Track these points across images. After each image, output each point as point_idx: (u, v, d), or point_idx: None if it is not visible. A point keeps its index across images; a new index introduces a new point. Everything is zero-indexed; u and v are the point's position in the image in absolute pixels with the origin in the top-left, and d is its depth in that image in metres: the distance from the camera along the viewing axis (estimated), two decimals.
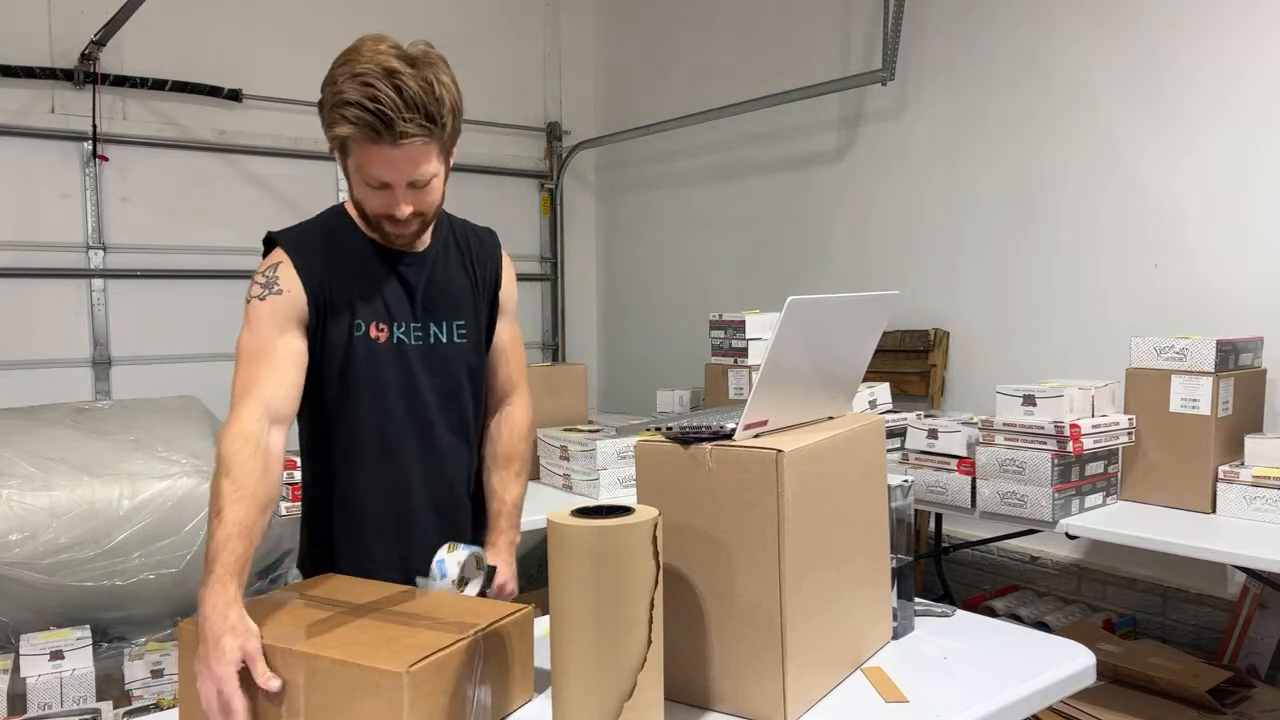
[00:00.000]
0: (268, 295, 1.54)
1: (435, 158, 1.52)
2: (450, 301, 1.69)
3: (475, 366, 1.74)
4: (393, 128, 1.43)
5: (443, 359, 1.68)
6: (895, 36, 3.43)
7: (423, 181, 1.52)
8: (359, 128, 1.44)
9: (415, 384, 1.66)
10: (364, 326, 1.61)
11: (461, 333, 1.70)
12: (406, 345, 1.65)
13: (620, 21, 4.93)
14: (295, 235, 1.63)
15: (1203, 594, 2.85)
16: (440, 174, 1.55)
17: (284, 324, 1.54)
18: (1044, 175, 3.19)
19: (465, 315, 1.71)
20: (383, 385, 1.64)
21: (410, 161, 1.48)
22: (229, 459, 1.40)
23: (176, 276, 3.93)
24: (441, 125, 1.48)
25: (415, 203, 1.54)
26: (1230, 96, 2.75)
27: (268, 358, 1.51)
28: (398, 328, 1.64)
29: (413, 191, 1.53)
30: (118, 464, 2.96)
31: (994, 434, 2.52)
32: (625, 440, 2.98)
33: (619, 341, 5.03)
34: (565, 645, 1.14)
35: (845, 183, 3.83)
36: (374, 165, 1.48)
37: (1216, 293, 2.79)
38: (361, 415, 1.64)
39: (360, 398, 1.64)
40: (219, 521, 1.34)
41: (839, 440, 1.38)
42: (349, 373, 1.62)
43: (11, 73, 3.52)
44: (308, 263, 1.58)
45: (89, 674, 2.57)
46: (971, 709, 1.31)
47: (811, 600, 1.30)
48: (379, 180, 1.50)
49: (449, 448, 1.71)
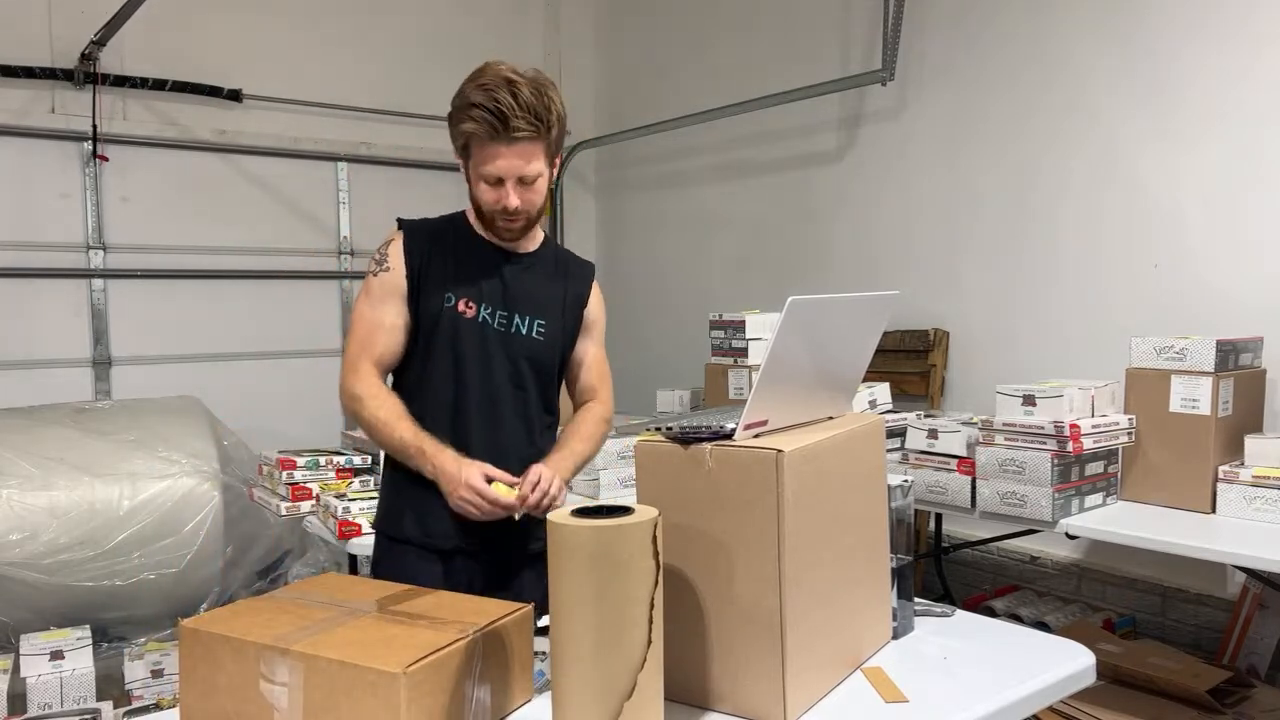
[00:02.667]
0: (379, 272, 1.85)
1: (542, 158, 1.76)
2: (537, 301, 1.90)
3: (546, 364, 1.91)
4: (508, 124, 1.69)
5: (518, 346, 1.87)
6: (895, 36, 3.43)
7: (530, 178, 1.76)
8: (480, 125, 1.70)
9: (490, 360, 1.85)
10: (454, 300, 1.84)
11: (540, 330, 1.89)
12: (490, 327, 1.86)
13: (620, 21, 4.93)
14: (414, 220, 1.91)
15: (1203, 594, 2.85)
16: (545, 175, 1.79)
17: (388, 296, 1.84)
18: (1044, 175, 3.19)
19: (548, 316, 1.90)
20: (462, 354, 1.85)
21: (521, 158, 1.73)
22: (368, 396, 1.79)
23: (176, 276, 3.94)
24: (548, 128, 1.74)
25: (523, 198, 1.77)
26: (1230, 97, 2.75)
27: (377, 324, 1.83)
28: (484, 309, 1.85)
29: (521, 188, 1.76)
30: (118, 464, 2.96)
31: (994, 434, 2.52)
32: (625, 440, 2.98)
33: (619, 341, 5.02)
34: (565, 645, 1.14)
35: (845, 183, 3.83)
36: (492, 161, 1.73)
37: (1216, 293, 2.79)
38: (439, 380, 1.86)
39: (442, 362, 1.86)
40: (394, 428, 1.76)
41: (839, 440, 1.38)
42: (436, 339, 1.85)
43: (11, 73, 3.52)
44: (414, 242, 1.86)
45: (89, 674, 2.57)
46: (971, 709, 1.31)
47: (811, 600, 1.30)
48: (495, 175, 1.75)
49: (511, 426, 1.88)
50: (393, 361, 1.86)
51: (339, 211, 4.33)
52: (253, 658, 1.22)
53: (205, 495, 3.03)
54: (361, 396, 1.79)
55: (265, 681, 1.21)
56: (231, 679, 1.23)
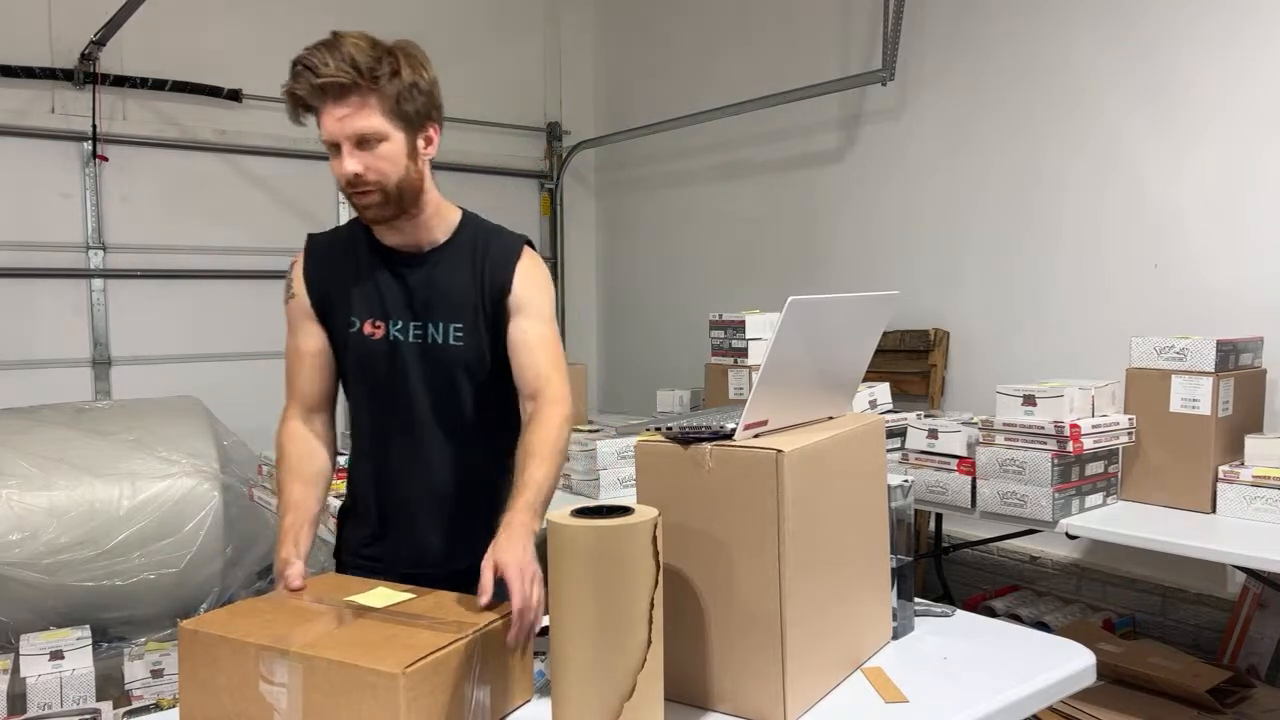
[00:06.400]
0: (288, 299, 1.74)
1: (378, 116, 1.54)
2: (451, 302, 1.67)
3: (475, 369, 1.69)
4: (318, 74, 1.51)
5: (439, 359, 1.68)
6: (895, 36, 3.43)
7: (369, 139, 1.54)
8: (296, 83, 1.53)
9: (406, 384, 1.68)
10: (358, 323, 1.68)
11: (458, 335, 1.67)
12: (403, 343, 1.67)
13: (620, 21, 4.93)
14: (315, 237, 1.76)
15: (1203, 594, 2.85)
16: (392, 139, 1.55)
17: (301, 323, 1.72)
18: (1044, 175, 3.19)
19: (464, 318, 1.67)
20: (377, 381, 1.70)
21: (348, 110, 1.52)
22: (280, 450, 1.70)
23: (176, 276, 3.93)
24: (374, 78, 1.52)
25: (365, 164, 1.54)
26: (1231, 97, 2.75)
27: (296, 358, 1.73)
28: (394, 325, 1.67)
29: (363, 152, 1.54)
30: (118, 464, 2.96)
31: (994, 434, 2.51)
32: (625, 440, 2.98)
33: (619, 341, 5.03)
34: (565, 645, 1.14)
35: (845, 183, 3.83)
36: (322, 126, 1.55)
37: (1216, 293, 2.79)
38: (358, 412, 1.75)
39: (357, 393, 1.74)
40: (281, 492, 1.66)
41: (839, 440, 1.38)
42: (348, 368, 1.72)
43: (11, 73, 3.52)
44: (311, 262, 1.72)
45: (89, 674, 2.57)
46: (971, 709, 1.31)
47: (811, 600, 1.30)
48: (326, 139, 1.56)
49: (439, 448, 1.70)
50: (321, 391, 1.72)
51: (339, 211, 4.32)
52: (252, 658, 1.22)
53: (205, 495, 3.03)
54: (277, 448, 1.70)
55: (264, 682, 1.21)
56: (231, 679, 1.23)
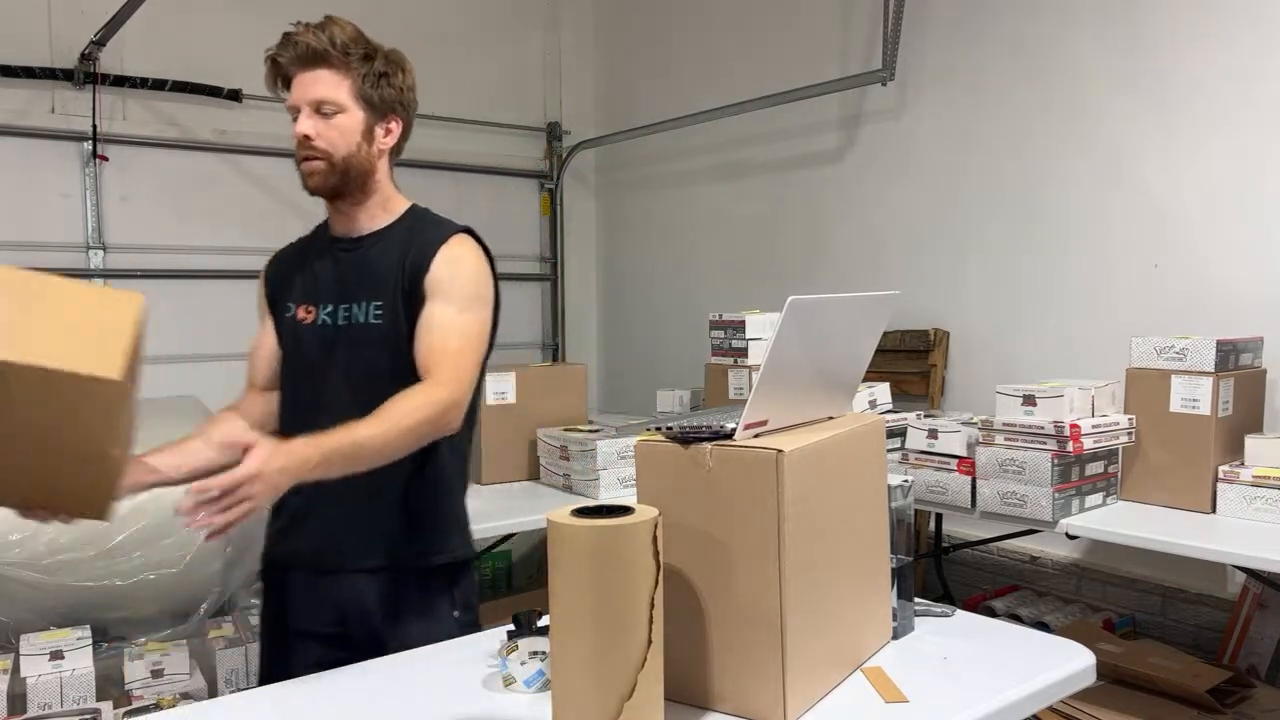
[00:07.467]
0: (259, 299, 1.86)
1: (342, 90, 1.65)
2: (375, 281, 1.70)
3: (392, 349, 1.67)
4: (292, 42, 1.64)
5: (362, 339, 1.70)
6: (895, 36, 3.43)
7: (327, 108, 1.64)
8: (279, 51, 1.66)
9: (328, 363, 1.71)
10: (293, 309, 1.76)
11: (378, 313, 1.69)
12: (331, 327, 1.72)
13: (620, 21, 4.93)
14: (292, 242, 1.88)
15: (1203, 594, 2.85)
16: (349, 113, 1.66)
17: (261, 320, 1.85)
18: (1044, 175, 3.19)
19: (384, 297, 1.68)
20: (302, 362, 1.75)
21: (313, 79, 1.65)
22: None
23: (176, 276, 3.93)
24: (346, 53, 1.64)
25: (317, 130, 1.64)
26: (1232, 97, 2.75)
27: (251, 352, 1.85)
28: (324, 309, 1.73)
29: (317, 119, 1.64)
30: None
31: (994, 434, 2.52)
32: (625, 440, 2.98)
33: (619, 341, 5.03)
34: (565, 645, 1.14)
35: (845, 183, 3.83)
36: (291, 88, 1.67)
37: (1216, 293, 2.79)
38: (283, 394, 1.80)
39: (288, 378, 1.78)
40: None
41: (839, 440, 1.38)
42: (284, 354, 1.78)
43: (11, 73, 3.51)
44: (274, 263, 1.85)
45: (89, 674, 2.57)
46: (971, 709, 1.31)
47: (811, 600, 1.30)
48: (291, 102, 1.67)
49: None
50: (267, 380, 1.83)
51: None
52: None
53: None
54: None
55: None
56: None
